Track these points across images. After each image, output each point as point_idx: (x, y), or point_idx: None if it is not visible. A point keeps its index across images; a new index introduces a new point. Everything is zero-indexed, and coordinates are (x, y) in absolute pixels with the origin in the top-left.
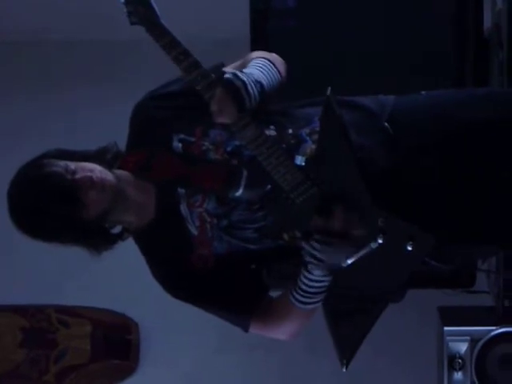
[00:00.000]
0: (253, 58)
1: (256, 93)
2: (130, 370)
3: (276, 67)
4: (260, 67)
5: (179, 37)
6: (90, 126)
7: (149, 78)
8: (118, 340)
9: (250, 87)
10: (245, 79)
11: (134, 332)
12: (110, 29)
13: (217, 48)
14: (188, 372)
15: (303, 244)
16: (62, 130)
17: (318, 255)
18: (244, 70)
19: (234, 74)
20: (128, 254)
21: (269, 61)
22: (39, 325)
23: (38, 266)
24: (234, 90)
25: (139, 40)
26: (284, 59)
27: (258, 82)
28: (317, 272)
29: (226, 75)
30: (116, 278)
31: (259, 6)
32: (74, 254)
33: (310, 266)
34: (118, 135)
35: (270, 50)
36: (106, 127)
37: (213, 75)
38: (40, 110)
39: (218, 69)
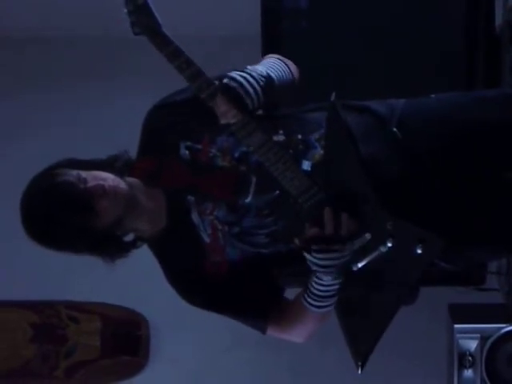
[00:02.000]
0: (265, 58)
1: (258, 88)
2: (139, 367)
3: (288, 67)
4: (267, 63)
5: (188, 37)
6: (90, 123)
7: (150, 75)
8: (127, 336)
9: (248, 85)
10: (241, 79)
11: (143, 328)
12: (111, 25)
13: (227, 48)
14: (197, 368)
15: (305, 255)
16: (63, 127)
17: (323, 263)
18: (248, 67)
19: (230, 77)
20: (138, 251)
21: (280, 60)
22: (49, 321)
23: (48, 261)
24: (232, 92)
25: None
26: (296, 60)
27: (262, 76)
28: (326, 278)
29: (224, 80)
30: (126, 274)
31: (271, 6)
32: None
33: (318, 274)
34: (119, 132)
35: (281, 51)
36: (107, 124)
37: (216, 82)
38: (41, 107)
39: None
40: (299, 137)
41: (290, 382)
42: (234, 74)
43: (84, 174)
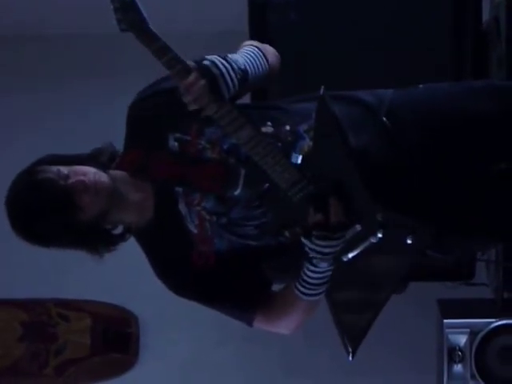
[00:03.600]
0: (243, 46)
1: (236, 81)
2: (129, 364)
3: (265, 57)
4: (246, 54)
5: (176, 31)
6: (88, 121)
7: (148, 70)
8: (117, 334)
9: (227, 75)
10: (223, 68)
11: (133, 325)
12: (110, 23)
13: (215, 44)
14: (187, 364)
15: (304, 241)
16: (61, 124)
17: (322, 250)
18: (228, 56)
19: (212, 62)
20: (128, 248)
21: (258, 49)
22: (39, 319)
23: (38, 259)
24: (212, 78)
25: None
26: (284, 53)
27: (240, 70)
28: (323, 264)
29: (205, 62)
30: (116, 272)
31: (258, 0)
32: None
33: (315, 261)
34: (117, 129)
35: (269, 44)
36: (107, 122)
37: (193, 64)
38: (39, 104)
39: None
40: (287, 128)
41: (280, 377)
42: (215, 59)
43: (65, 169)
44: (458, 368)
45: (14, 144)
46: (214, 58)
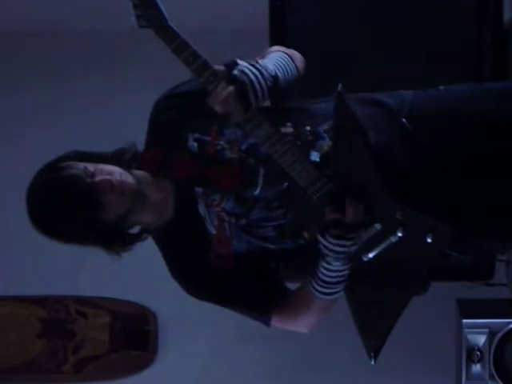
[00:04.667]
0: (271, 52)
1: (265, 88)
2: (148, 361)
3: (294, 62)
4: (276, 60)
5: (195, 30)
6: (88, 121)
7: (160, 67)
8: (136, 331)
9: (257, 83)
10: (252, 76)
11: (152, 323)
12: (121, 18)
13: (234, 41)
14: (206, 362)
15: (319, 238)
16: (74, 119)
17: (335, 248)
18: (259, 62)
19: (241, 70)
20: (147, 245)
21: (287, 55)
22: (58, 315)
23: (56, 256)
24: (240, 87)
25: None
26: (303, 53)
27: (271, 76)
28: (336, 263)
29: (234, 71)
30: (134, 269)
31: (279, 0)
32: None
33: (328, 258)
34: (117, 129)
35: (288, 44)
36: (111, 119)
37: (223, 68)
38: (52, 99)
39: (230, 68)
40: (307, 128)
41: (299, 374)
42: (245, 67)
43: (91, 167)
44: (476, 368)
45: (19, 140)
46: (244, 65)
